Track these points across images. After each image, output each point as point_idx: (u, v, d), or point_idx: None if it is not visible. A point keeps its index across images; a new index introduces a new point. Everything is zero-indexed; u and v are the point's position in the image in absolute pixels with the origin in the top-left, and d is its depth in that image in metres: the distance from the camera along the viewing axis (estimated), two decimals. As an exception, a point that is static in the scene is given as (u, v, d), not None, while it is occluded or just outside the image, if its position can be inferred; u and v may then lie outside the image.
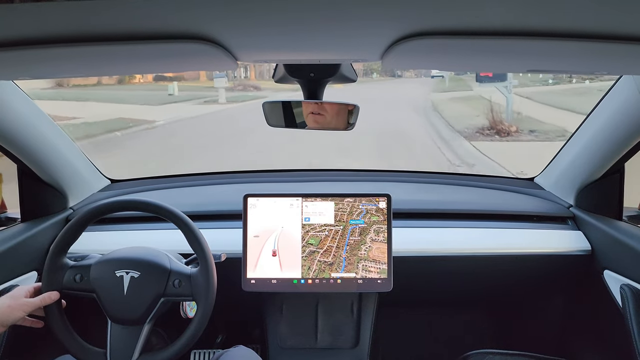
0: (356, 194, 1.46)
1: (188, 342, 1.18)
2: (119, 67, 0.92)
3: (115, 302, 1.17)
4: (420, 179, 1.97)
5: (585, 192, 1.60)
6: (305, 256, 1.44)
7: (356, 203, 1.46)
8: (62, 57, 0.69)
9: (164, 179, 1.98)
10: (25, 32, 0.56)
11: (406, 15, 0.53)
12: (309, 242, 1.45)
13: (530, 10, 0.50)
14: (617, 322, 1.35)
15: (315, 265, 1.43)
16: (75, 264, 1.21)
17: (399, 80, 28.06)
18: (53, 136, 1.50)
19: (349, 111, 1.13)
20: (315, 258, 1.44)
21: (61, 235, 1.21)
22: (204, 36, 0.60)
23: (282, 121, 1.16)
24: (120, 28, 0.56)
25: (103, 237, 1.56)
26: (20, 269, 1.40)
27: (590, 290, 1.57)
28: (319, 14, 0.52)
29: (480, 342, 1.71)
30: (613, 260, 1.44)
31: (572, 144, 1.62)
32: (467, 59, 0.78)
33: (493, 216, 1.66)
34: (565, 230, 1.61)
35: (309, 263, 1.44)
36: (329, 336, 1.61)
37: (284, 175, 2.01)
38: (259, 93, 19.27)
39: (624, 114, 1.33)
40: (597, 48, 0.62)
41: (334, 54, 0.81)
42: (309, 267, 1.43)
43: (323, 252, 1.44)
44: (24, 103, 1.36)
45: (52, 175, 1.53)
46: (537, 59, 0.73)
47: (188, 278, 1.20)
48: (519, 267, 1.59)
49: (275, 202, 1.46)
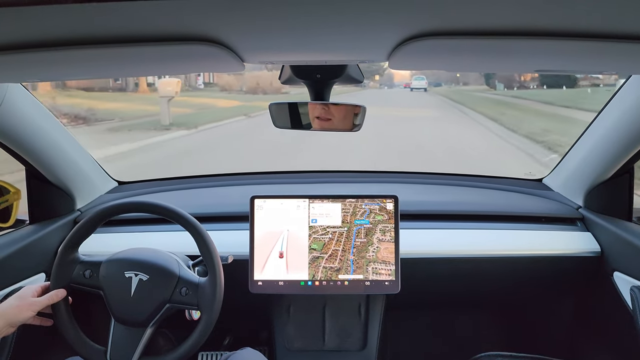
0: (363, 195, 1.46)
1: (190, 350, 1.18)
2: (126, 69, 0.93)
3: (121, 302, 1.18)
4: (427, 180, 1.96)
5: (595, 193, 1.58)
6: (309, 262, 1.43)
7: (358, 203, 1.45)
8: (72, 60, 0.69)
9: (171, 180, 1.99)
10: (32, 35, 0.56)
11: (413, 16, 0.52)
12: (311, 247, 1.44)
13: (538, 9, 0.50)
14: (627, 324, 1.33)
15: (320, 273, 1.42)
16: (85, 259, 1.23)
17: (361, 92, 22.29)
18: (60, 138, 1.50)
19: (355, 113, 1.12)
20: (320, 264, 1.43)
21: (73, 232, 1.23)
22: (211, 38, 0.60)
23: (288, 123, 1.16)
24: (127, 30, 0.56)
25: (111, 239, 1.56)
26: (28, 271, 1.41)
27: (600, 292, 1.55)
28: (325, 14, 0.51)
29: (489, 344, 1.70)
30: (623, 261, 1.43)
31: (581, 145, 1.61)
32: (474, 59, 0.77)
33: (501, 217, 1.65)
34: (575, 231, 1.60)
35: (314, 270, 1.42)
36: (337, 338, 1.61)
37: (290, 177, 2.01)
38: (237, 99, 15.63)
39: (633, 114, 1.32)
40: (605, 47, 0.61)
41: (340, 54, 0.81)
42: (314, 274, 1.42)
43: (328, 257, 1.43)
44: (31, 105, 1.36)
45: (60, 177, 1.54)
46: (544, 58, 0.72)
47: (196, 287, 1.20)
48: (528, 268, 1.57)
49: (282, 204, 1.45)
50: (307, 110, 1.13)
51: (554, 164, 1.84)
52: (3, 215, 1.39)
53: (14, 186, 1.40)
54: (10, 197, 1.38)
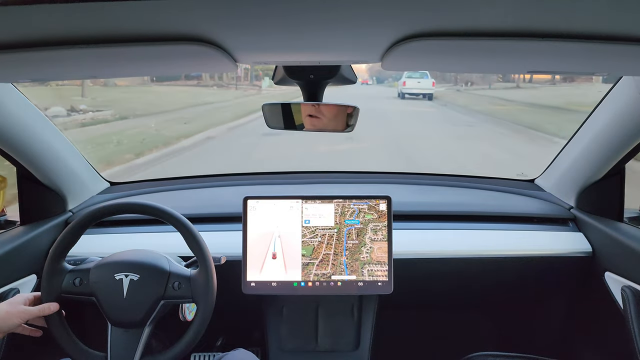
0: (356, 195, 1.46)
1: (188, 345, 1.17)
2: (118, 69, 0.92)
3: (115, 306, 1.17)
4: (420, 180, 1.97)
5: (586, 193, 1.59)
6: (301, 268, 1.43)
7: (347, 203, 1.45)
8: (63, 60, 0.68)
9: (163, 181, 1.98)
10: (23, 35, 0.56)
11: (406, 17, 0.53)
12: (302, 254, 1.43)
13: (530, 11, 0.50)
14: (618, 324, 1.34)
15: (313, 277, 1.42)
16: (74, 268, 1.21)
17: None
18: (52, 139, 1.49)
19: (348, 113, 1.12)
20: (310, 271, 1.42)
21: (60, 238, 1.21)
22: (204, 38, 0.60)
23: (281, 123, 1.16)
24: (120, 30, 0.56)
25: (102, 240, 1.55)
26: (19, 272, 1.40)
27: (591, 292, 1.57)
28: (319, 15, 0.51)
29: (481, 344, 1.71)
30: (614, 262, 1.44)
31: (573, 146, 1.62)
32: (467, 60, 0.77)
33: (493, 218, 1.66)
34: (566, 232, 1.61)
35: (305, 278, 1.42)
36: (330, 339, 1.61)
37: (283, 178, 2.01)
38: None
39: (624, 115, 1.33)
40: (597, 49, 0.61)
41: (334, 55, 0.81)
42: (305, 283, 1.42)
43: (319, 262, 1.42)
44: (22, 105, 1.35)
45: (51, 178, 1.53)
46: (537, 59, 0.73)
47: (188, 280, 1.20)
48: (520, 269, 1.58)
49: (275, 205, 1.45)
50: (300, 111, 1.13)
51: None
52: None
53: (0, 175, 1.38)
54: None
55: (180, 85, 20.57)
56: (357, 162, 7.06)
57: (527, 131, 10.20)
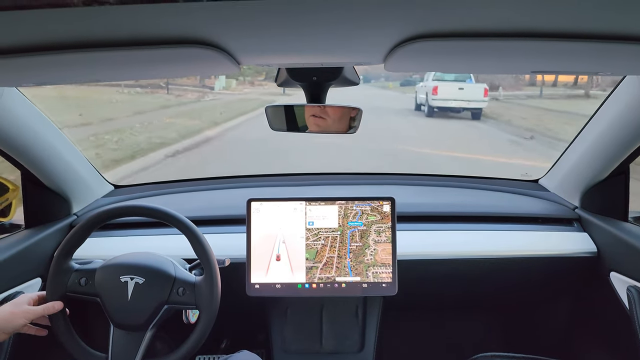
0: (360, 197, 1.45)
1: (190, 350, 1.17)
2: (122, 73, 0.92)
3: (118, 307, 1.17)
4: (424, 181, 1.97)
5: (591, 193, 1.59)
6: (305, 272, 1.43)
7: (349, 204, 1.45)
8: (67, 63, 0.69)
9: (167, 184, 1.98)
10: (27, 39, 0.56)
11: (409, 18, 0.52)
12: (305, 257, 1.43)
13: (534, 11, 0.50)
14: (624, 324, 1.34)
15: (317, 280, 1.42)
16: (80, 268, 1.22)
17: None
18: (56, 142, 1.50)
19: (351, 115, 1.12)
20: (314, 275, 1.42)
21: (67, 239, 1.22)
22: (206, 41, 0.60)
23: (284, 125, 1.16)
24: (123, 34, 0.56)
25: (107, 242, 1.56)
26: (24, 276, 1.40)
27: (597, 293, 1.56)
28: (321, 17, 0.51)
29: (486, 345, 1.70)
30: (619, 261, 1.43)
31: (577, 145, 1.62)
32: (470, 61, 0.77)
33: (498, 218, 1.66)
34: (571, 232, 1.60)
35: (309, 280, 1.42)
36: (334, 340, 1.61)
37: (287, 180, 2.01)
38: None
39: (628, 115, 1.32)
40: (600, 48, 0.61)
41: (336, 57, 0.81)
42: (310, 284, 1.42)
43: (323, 266, 1.42)
44: (27, 109, 1.36)
45: (56, 182, 1.53)
46: (540, 59, 0.72)
47: (192, 287, 1.20)
48: (524, 269, 1.58)
49: (278, 207, 1.45)
50: (303, 113, 1.13)
51: None
52: (3, 211, 1.39)
53: (12, 182, 1.39)
54: (10, 195, 1.38)
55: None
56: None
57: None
